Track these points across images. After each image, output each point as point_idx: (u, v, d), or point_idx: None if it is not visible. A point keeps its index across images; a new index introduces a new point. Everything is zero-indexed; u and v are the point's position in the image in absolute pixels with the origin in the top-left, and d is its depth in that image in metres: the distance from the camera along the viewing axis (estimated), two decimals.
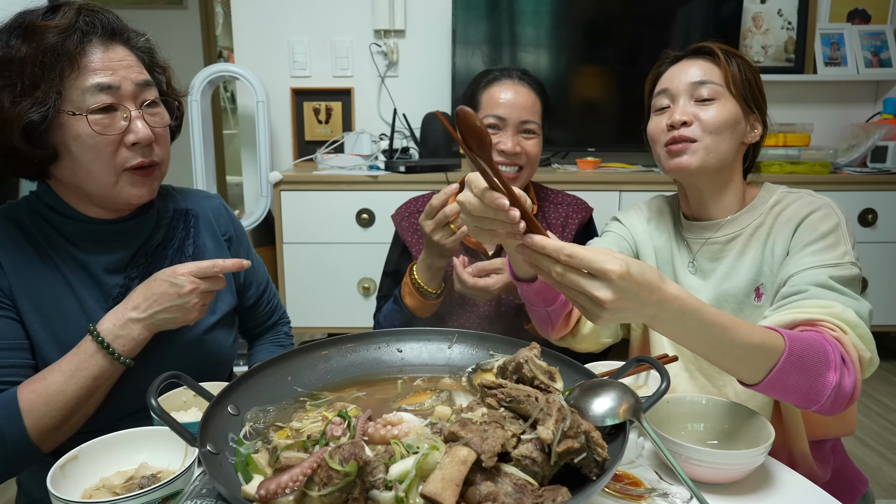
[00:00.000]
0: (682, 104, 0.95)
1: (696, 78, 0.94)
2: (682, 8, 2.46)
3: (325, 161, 2.44)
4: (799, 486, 0.74)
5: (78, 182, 0.83)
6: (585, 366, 0.73)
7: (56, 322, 0.84)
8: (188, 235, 0.97)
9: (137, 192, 0.85)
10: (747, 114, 0.96)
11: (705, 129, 0.93)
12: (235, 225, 1.08)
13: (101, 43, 0.81)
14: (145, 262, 0.91)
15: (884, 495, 1.79)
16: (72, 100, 0.78)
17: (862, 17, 2.67)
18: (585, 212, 1.30)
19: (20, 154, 0.79)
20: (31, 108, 0.76)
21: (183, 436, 0.56)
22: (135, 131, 0.81)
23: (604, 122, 2.59)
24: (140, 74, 0.84)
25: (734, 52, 0.97)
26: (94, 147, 0.80)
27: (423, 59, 2.61)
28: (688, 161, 0.94)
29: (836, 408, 0.75)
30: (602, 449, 0.53)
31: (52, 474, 0.63)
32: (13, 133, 0.76)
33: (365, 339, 0.81)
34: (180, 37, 4.06)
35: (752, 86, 0.96)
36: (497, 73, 1.24)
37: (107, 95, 0.79)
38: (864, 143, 2.44)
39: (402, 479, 0.51)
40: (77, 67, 0.78)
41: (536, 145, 1.21)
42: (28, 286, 0.84)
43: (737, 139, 0.95)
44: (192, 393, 0.73)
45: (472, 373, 0.77)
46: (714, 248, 0.99)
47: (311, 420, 0.65)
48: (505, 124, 1.19)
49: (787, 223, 0.92)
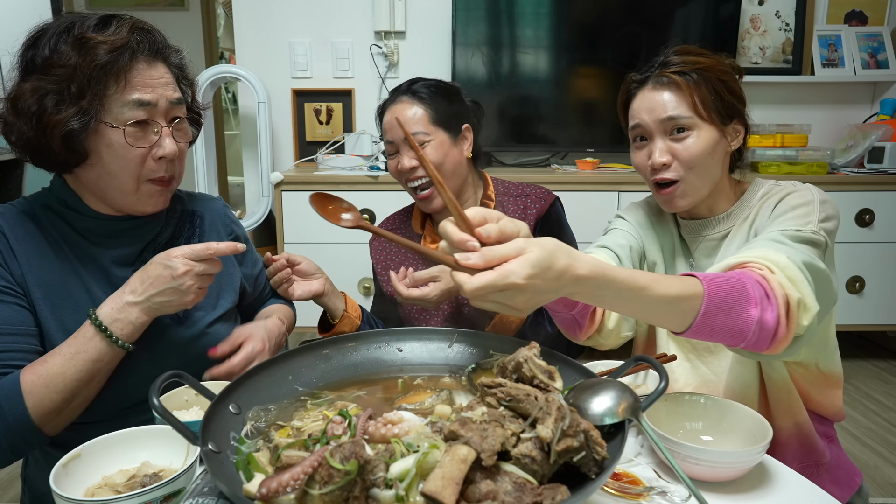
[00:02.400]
0: (657, 143, 0.95)
1: (665, 114, 0.93)
2: (681, 9, 2.47)
3: (325, 162, 2.45)
4: (797, 485, 0.74)
5: (101, 185, 0.87)
6: (585, 365, 0.73)
7: (65, 311, 0.87)
8: (194, 234, 1.01)
9: (153, 202, 0.91)
10: (724, 128, 0.95)
11: (685, 165, 0.94)
12: (237, 226, 1.13)
13: (146, 60, 0.86)
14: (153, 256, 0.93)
15: (881, 493, 1.80)
16: (111, 111, 0.83)
17: (859, 18, 2.68)
18: (544, 201, 1.27)
19: (53, 154, 0.83)
20: (73, 116, 0.80)
21: (185, 434, 0.57)
22: (163, 146, 0.87)
23: (603, 123, 2.59)
24: (174, 93, 0.89)
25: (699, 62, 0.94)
26: (124, 157, 0.84)
27: (424, 61, 2.62)
28: (679, 204, 0.97)
29: (760, 343, 0.74)
30: (601, 447, 0.54)
31: (54, 472, 0.63)
32: (53, 138, 0.81)
33: (365, 339, 0.82)
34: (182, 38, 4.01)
35: (724, 95, 0.94)
36: (385, 102, 1.26)
37: (143, 111, 0.84)
38: (861, 144, 2.44)
39: (403, 478, 0.51)
40: (122, 82, 0.83)
41: (433, 150, 1.19)
42: (40, 276, 0.86)
43: (720, 158, 0.96)
44: (194, 392, 0.74)
45: (471, 372, 0.77)
46: (711, 245, 1.01)
47: (312, 419, 0.65)
48: (395, 147, 1.22)
49: (767, 208, 0.94)
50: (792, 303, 0.75)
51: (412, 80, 1.26)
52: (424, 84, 1.23)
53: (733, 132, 0.97)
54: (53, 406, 0.80)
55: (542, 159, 2.68)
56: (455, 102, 1.25)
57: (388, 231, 0.74)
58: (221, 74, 2.46)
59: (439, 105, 1.22)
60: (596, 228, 1.34)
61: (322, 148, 2.57)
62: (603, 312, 0.98)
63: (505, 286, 0.58)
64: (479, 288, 0.58)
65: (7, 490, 1.95)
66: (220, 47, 4.49)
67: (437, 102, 1.22)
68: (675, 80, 0.94)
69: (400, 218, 1.39)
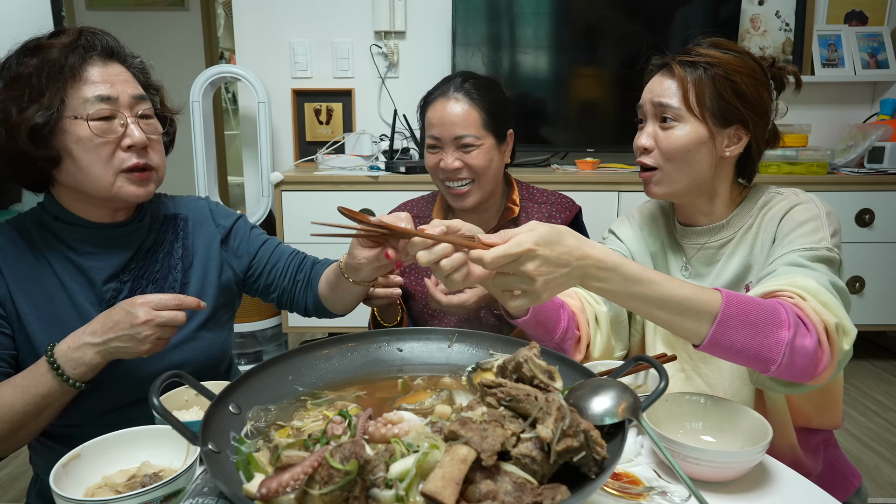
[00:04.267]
0: (647, 126, 0.96)
1: (657, 99, 0.93)
2: (681, 9, 2.47)
3: (325, 161, 2.45)
4: (797, 485, 0.74)
5: (79, 184, 0.89)
6: (584, 365, 0.73)
7: (52, 325, 0.88)
8: (177, 239, 1.02)
9: (135, 192, 0.90)
10: (717, 131, 0.91)
11: (663, 155, 0.93)
12: (228, 214, 1.11)
13: (101, 60, 0.89)
14: (137, 266, 0.96)
15: (881, 493, 1.80)
16: (74, 107, 0.85)
17: (859, 18, 2.68)
18: (569, 210, 1.28)
19: (26, 157, 0.85)
20: (36, 112, 0.83)
21: (185, 434, 0.57)
22: (130, 135, 0.88)
23: (603, 123, 2.59)
24: (136, 89, 0.91)
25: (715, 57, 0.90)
26: (94, 149, 0.86)
27: (424, 61, 2.62)
28: (654, 190, 0.97)
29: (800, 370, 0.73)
30: (601, 447, 0.54)
31: (54, 472, 0.63)
32: (20, 135, 0.83)
33: (365, 339, 0.82)
34: (182, 38, 4.06)
35: (726, 97, 0.90)
36: (434, 93, 1.22)
37: (106, 105, 0.87)
38: (861, 144, 2.44)
39: (403, 478, 0.51)
40: (79, 79, 0.86)
41: (480, 156, 1.18)
42: (28, 291, 0.89)
43: (705, 160, 0.92)
44: (194, 392, 0.73)
45: (471, 372, 0.77)
46: (709, 253, 1.00)
47: (312, 419, 0.65)
48: (442, 143, 1.19)
49: (771, 220, 0.93)
50: (830, 328, 0.74)
51: (463, 74, 1.23)
52: (477, 83, 1.20)
53: (731, 137, 0.93)
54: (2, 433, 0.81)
55: (542, 159, 2.68)
56: (504, 106, 1.23)
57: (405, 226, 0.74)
58: (221, 74, 2.46)
59: (492, 108, 1.19)
60: (596, 229, 1.34)
61: (322, 148, 2.57)
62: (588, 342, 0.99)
63: (518, 253, 0.64)
64: (497, 257, 0.64)
65: (7, 490, 1.95)
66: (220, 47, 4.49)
67: (489, 105, 1.19)
68: (677, 70, 0.92)
69: (419, 206, 1.36)
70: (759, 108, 0.92)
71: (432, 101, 1.21)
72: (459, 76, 1.22)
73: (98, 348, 0.81)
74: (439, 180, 1.24)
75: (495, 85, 1.24)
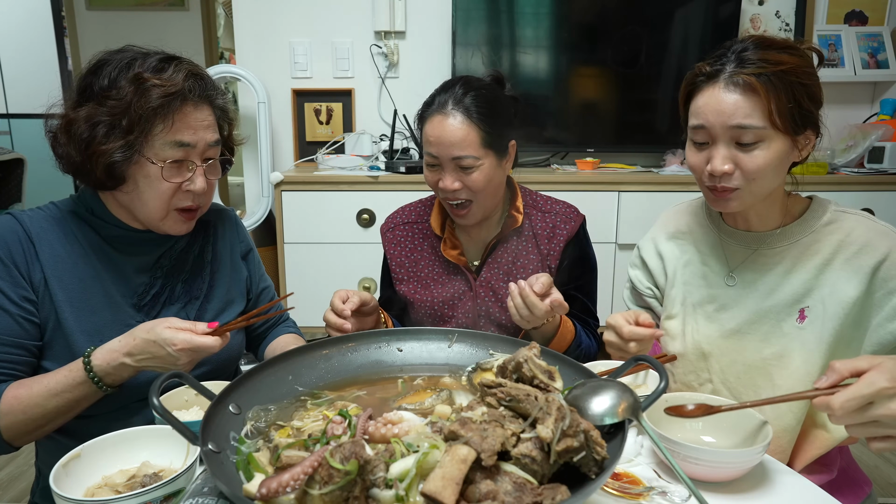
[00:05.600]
0: (720, 150, 0.86)
1: (736, 121, 0.83)
2: (681, 9, 2.47)
3: (325, 161, 2.45)
4: (797, 485, 0.74)
5: (132, 207, 0.93)
6: (584, 365, 0.73)
7: (84, 313, 0.91)
8: (207, 243, 1.07)
9: (178, 228, 0.96)
10: (797, 138, 0.87)
11: (748, 177, 0.86)
12: (247, 237, 1.17)
13: (193, 104, 0.91)
14: (169, 264, 1.00)
15: (882, 493, 1.80)
16: (153, 147, 0.88)
17: (859, 18, 2.68)
18: (575, 221, 1.23)
19: (95, 177, 0.88)
20: (119, 148, 0.86)
21: (185, 434, 0.57)
22: (194, 182, 0.92)
23: (603, 123, 2.59)
24: (213, 135, 0.94)
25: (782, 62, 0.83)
26: (158, 188, 0.90)
27: (424, 61, 2.62)
28: (733, 206, 0.90)
29: None
30: (601, 447, 0.54)
31: (54, 472, 0.63)
32: (98, 165, 0.87)
33: (365, 339, 0.82)
34: (182, 38, 4.06)
35: (803, 103, 0.84)
36: (431, 107, 1.15)
37: (182, 151, 0.90)
38: (861, 144, 2.44)
39: (403, 478, 0.51)
40: (169, 124, 0.88)
41: (480, 177, 1.12)
42: (63, 279, 0.91)
43: (784, 170, 0.89)
44: (194, 392, 0.74)
45: (471, 372, 0.77)
46: (761, 261, 0.95)
47: (312, 419, 0.65)
48: (440, 161, 1.13)
49: (856, 258, 0.88)
50: None
51: (464, 84, 1.14)
52: (478, 97, 1.12)
53: (805, 141, 0.88)
54: (26, 429, 0.85)
55: (542, 159, 2.68)
56: (506, 116, 1.17)
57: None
58: (221, 74, 2.46)
59: (492, 124, 1.13)
60: (596, 229, 1.34)
61: (322, 148, 2.57)
62: None
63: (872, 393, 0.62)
64: (847, 401, 0.63)
65: (7, 490, 1.95)
66: (220, 47, 4.48)
67: (490, 121, 1.12)
68: (752, 83, 0.82)
69: (416, 211, 1.31)
70: (821, 103, 0.88)
71: (430, 115, 1.14)
72: (460, 87, 1.14)
73: (134, 368, 0.84)
74: (440, 196, 1.21)
75: (497, 94, 1.18)
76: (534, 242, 1.23)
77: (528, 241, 1.23)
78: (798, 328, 0.92)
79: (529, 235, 1.23)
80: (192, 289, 1.01)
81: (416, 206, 1.33)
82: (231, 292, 1.07)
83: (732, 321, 0.97)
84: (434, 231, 1.26)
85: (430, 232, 1.27)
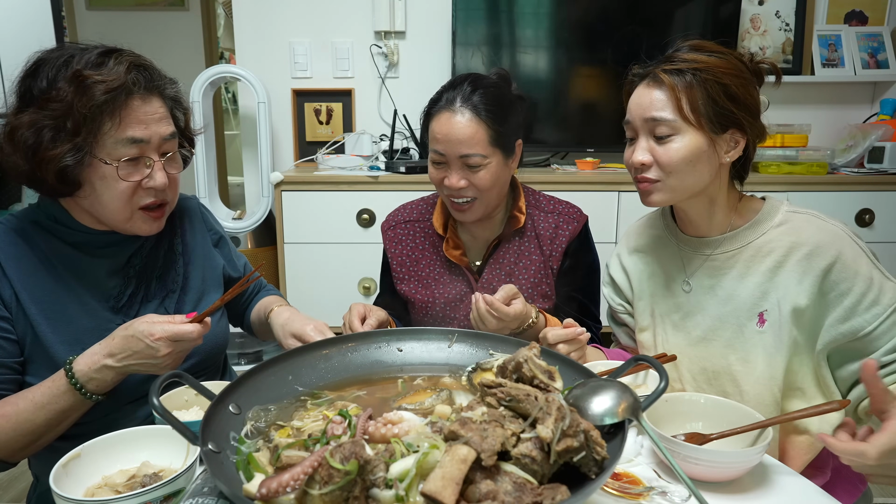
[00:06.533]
0: (640, 142, 0.92)
1: (650, 114, 0.89)
2: (681, 9, 2.47)
3: (325, 161, 2.45)
4: (797, 485, 0.74)
5: (95, 211, 0.90)
6: (584, 365, 0.73)
7: (61, 324, 0.89)
8: (176, 236, 1.04)
9: (147, 228, 0.93)
10: (716, 137, 0.89)
11: (664, 169, 0.90)
12: (215, 225, 1.15)
13: (141, 97, 0.86)
14: (140, 263, 0.98)
15: (880, 493, 1.80)
16: (105, 146, 0.84)
17: (859, 18, 2.68)
18: (577, 222, 1.23)
19: (48, 185, 0.85)
20: (68, 152, 0.81)
21: (185, 434, 0.57)
22: (154, 178, 0.89)
23: (603, 123, 2.59)
24: (168, 128, 0.90)
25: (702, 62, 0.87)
26: (116, 188, 0.86)
27: (424, 61, 2.62)
28: (655, 199, 0.93)
29: None
30: (601, 447, 0.54)
31: (54, 472, 0.63)
32: (48, 172, 0.82)
33: (365, 339, 0.82)
34: (182, 38, 4.06)
35: (720, 101, 0.87)
36: (439, 103, 1.14)
37: (136, 148, 0.86)
38: (861, 144, 2.44)
39: (403, 478, 0.51)
40: (116, 120, 0.84)
41: (487, 176, 1.12)
42: (34, 292, 0.88)
43: (706, 168, 0.90)
44: (194, 392, 0.74)
45: (471, 372, 0.77)
46: (713, 265, 0.97)
47: (312, 419, 0.65)
48: (447, 159, 1.13)
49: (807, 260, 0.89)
50: None
51: (473, 82, 1.14)
52: (486, 96, 1.12)
53: (729, 142, 0.90)
54: (19, 446, 0.84)
55: (542, 159, 2.68)
56: (514, 115, 1.16)
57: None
58: (221, 74, 2.46)
59: (501, 123, 1.12)
60: (596, 229, 1.33)
61: (322, 148, 2.57)
62: None
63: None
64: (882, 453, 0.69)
65: (7, 490, 1.95)
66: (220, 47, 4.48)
67: (498, 120, 1.12)
68: (665, 79, 0.88)
69: (418, 209, 1.30)
70: (752, 108, 0.90)
71: (437, 112, 1.14)
72: (468, 84, 1.13)
73: (118, 370, 0.83)
74: (443, 194, 1.20)
75: (505, 91, 1.16)
76: (536, 243, 1.22)
77: (531, 242, 1.23)
78: (759, 332, 0.93)
79: (532, 236, 1.23)
80: (166, 283, 0.99)
81: (418, 205, 1.32)
82: (207, 282, 1.05)
83: (697, 328, 0.99)
84: (436, 230, 1.25)
85: (432, 231, 1.26)
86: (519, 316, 0.99)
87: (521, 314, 1.00)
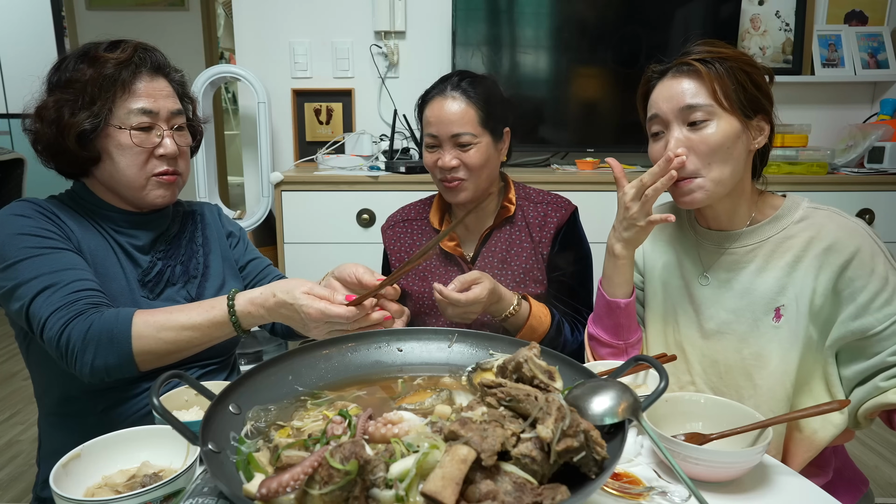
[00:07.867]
0: (674, 133, 0.91)
1: (683, 102, 0.89)
2: (681, 9, 2.47)
3: (325, 161, 2.45)
4: (797, 485, 0.74)
5: (113, 182, 1.01)
6: (584, 365, 0.73)
7: (104, 278, 0.98)
8: (197, 229, 1.15)
9: (161, 194, 1.03)
10: (747, 122, 0.90)
11: (703, 158, 0.89)
12: (233, 223, 1.26)
13: (148, 75, 1.00)
14: (165, 248, 1.09)
15: (881, 493, 1.80)
16: (119, 116, 0.97)
17: (859, 18, 2.68)
18: (565, 210, 1.28)
19: (70, 154, 0.97)
20: (86, 119, 0.95)
21: (185, 434, 0.57)
22: (164, 146, 1.01)
23: (603, 123, 2.59)
24: (175, 104, 1.03)
25: (722, 52, 0.90)
26: (131, 155, 0.99)
27: (424, 61, 2.62)
28: (698, 199, 0.91)
29: None
30: (601, 448, 0.54)
31: (54, 472, 0.63)
32: (69, 138, 0.95)
33: (365, 339, 0.82)
34: (182, 38, 4.06)
35: (748, 87, 0.89)
36: (431, 91, 1.23)
37: (147, 117, 0.99)
38: (861, 144, 2.44)
39: (403, 478, 0.51)
40: (127, 92, 0.98)
41: (477, 154, 1.19)
42: (88, 244, 0.99)
43: (741, 154, 0.90)
44: (194, 392, 0.74)
45: (471, 372, 0.77)
46: (732, 259, 0.96)
47: (312, 419, 0.65)
48: (440, 141, 1.21)
49: (825, 255, 0.89)
50: None
51: (460, 73, 1.24)
52: (474, 81, 1.21)
53: (757, 129, 0.92)
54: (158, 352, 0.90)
55: (542, 159, 2.68)
56: (501, 103, 1.24)
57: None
58: (221, 74, 2.46)
59: (489, 106, 1.20)
60: (596, 229, 1.34)
61: (322, 148, 2.57)
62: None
63: None
64: None
65: (7, 490, 1.95)
66: (220, 47, 4.48)
67: (486, 103, 1.20)
68: (696, 67, 0.89)
69: (416, 209, 1.37)
70: (770, 98, 0.93)
71: (430, 99, 1.22)
72: (456, 75, 1.23)
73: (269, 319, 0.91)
74: (437, 178, 1.25)
75: (492, 83, 1.25)
76: (526, 231, 1.27)
77: (521, 231, 1.27)
78: (774, 327, 0.92)
79: (522, 225, 1.28)
80: (189, 269, 1.09)
81: (417, 205, 1.38)
82: (225, 272, 1.15)
83: (710, 322, 0.98)
84: (433, 226, 1.30)
85: (430, 228, 1.32)
86: (477, 300, 1.04)
87: (478, 299, 1.04)
